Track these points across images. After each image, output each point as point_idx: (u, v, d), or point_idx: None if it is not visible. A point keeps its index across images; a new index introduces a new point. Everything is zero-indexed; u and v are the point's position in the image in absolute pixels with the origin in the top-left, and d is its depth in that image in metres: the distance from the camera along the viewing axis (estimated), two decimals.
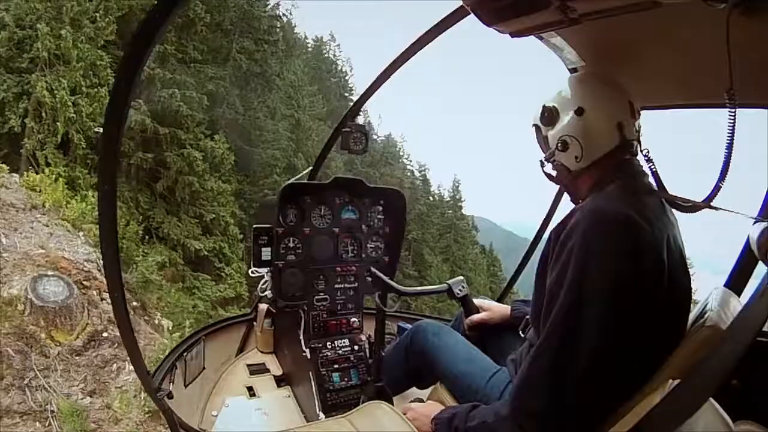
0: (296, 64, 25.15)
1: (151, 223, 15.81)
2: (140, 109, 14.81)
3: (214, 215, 17.24)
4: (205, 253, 16.53)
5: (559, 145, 1.26)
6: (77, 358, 4.07)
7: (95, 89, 14.12)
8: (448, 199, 34.76)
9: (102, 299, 4.67)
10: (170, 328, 5.91)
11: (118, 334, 3.55)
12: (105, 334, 4.33)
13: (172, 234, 15.86)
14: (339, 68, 34.54)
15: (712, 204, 1.05)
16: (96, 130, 14.81)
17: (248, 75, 21.68)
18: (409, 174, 33.75)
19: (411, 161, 35.83)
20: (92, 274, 4.94)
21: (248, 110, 21.54)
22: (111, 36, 14.86)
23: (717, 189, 1.02)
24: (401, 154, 35.64)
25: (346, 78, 34.62)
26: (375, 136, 32.88)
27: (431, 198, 35.03)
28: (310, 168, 2.80)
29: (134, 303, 6.00)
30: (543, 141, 1.35)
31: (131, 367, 3.47)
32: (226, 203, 18.53)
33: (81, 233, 6.11)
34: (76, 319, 4.26)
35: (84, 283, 4.72)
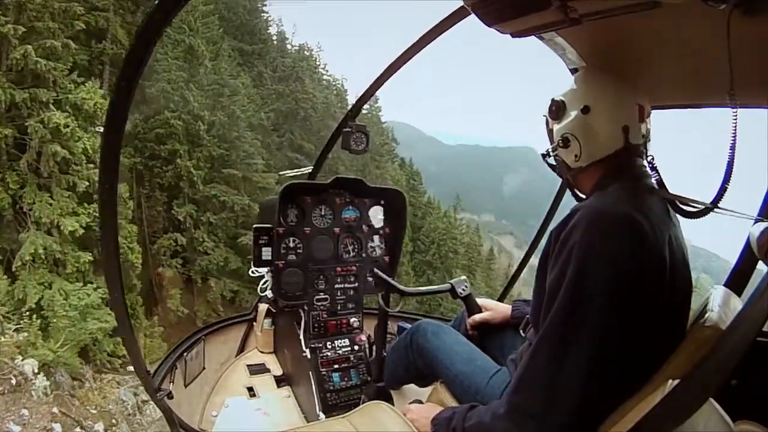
0: None
1: (21, 206, 13.16)
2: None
3: (88, 182, 13.54)
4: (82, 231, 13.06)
5: (561, 141, 1.26)
6: None
7: None
8: (366, 111, 31.26)
9: None
10: None
11: None
12: None
13: (44, 216, 12.91)
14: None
15: (717, 205, 1.05)
16: (96, 130, 14.75)
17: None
18: (324, 87, 30.30)
19: (328, 73, 32.64)
20: None
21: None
22: None
23: (723, 191, 1.01)
24: (318, 64, 31.85)
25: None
26: (289, 46, 30.56)
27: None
28: (311, 168, 2.80)
29: None
30: (549, 133, 1.35)
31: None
32: None
33: None
34: None
35: None
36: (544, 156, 1.40)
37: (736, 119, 0.93)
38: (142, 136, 18.82)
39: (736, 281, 1.70)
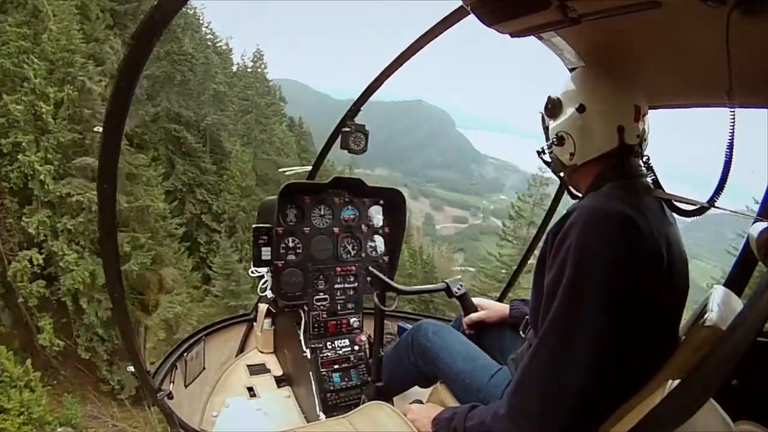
0: None
1: None
2: None
3: None
4: None
5: (555, 139, 1.27)
6: None
7: None
8: (249, 68, 29.17)
9: None
10: None
11: None
12: None
13: None
14: None
15: (714, 204, 1.05)
16: (96, 129, 14.73)
17: None
18: (206, 47, 26.45)
19: (210, 30, 28.68)
20: None
21: None
22: None
23: (720, 189, 1.02)
24: (200, 22, 27.87)
25: None
26: None
27: (233, 70, 29.34)
28: (310, 167, 2.80)
29: None
30: (545, 131, 1.35)
31: None
32: None
33: None
34: None
35: None
36: (539, 153, 1.40)
37: (734, 119, 0.94)
38: None
39: (736, 281, 1.70)
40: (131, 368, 1.60)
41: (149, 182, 17.55)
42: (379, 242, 2.54)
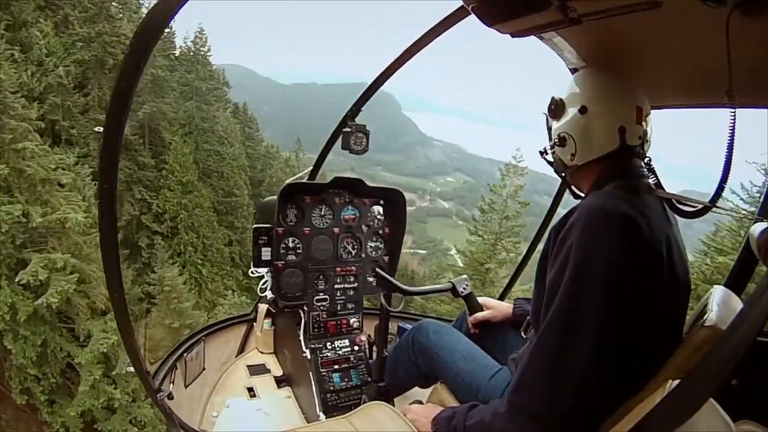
0: None
1: None
2: None
3: None
4: None
5: (557, 140, 1.27)
6: None
7: None
8: (191, 52, 27.55)
9: None
10: None
11: None
12: None
13: None
14: None
15: (716, 204, 1.05)
16: (96, 129, 14.69)
17: None
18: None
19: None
20: None
21: None
22: None
23: (720, 189, 1.02)
24: (140, 2, 25.75)
25: None
26: None
27: (174, 54, 27.35)
28: (310, 168, 2.80)
29: None
30: (548, 131, 1.36)
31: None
32: None
33: None
34: None
35: None
36: (541, 153, 1.41)
37: (734, 119, 0.94)
38: None
39: (736, 281, 1.70)
40: (131, 368, 1.60)
41: (73, 186, 14.55)
42: (380, 242, 2.54)
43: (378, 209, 2.54)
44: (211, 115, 26.26)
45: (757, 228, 1.08)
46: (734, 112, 0.93)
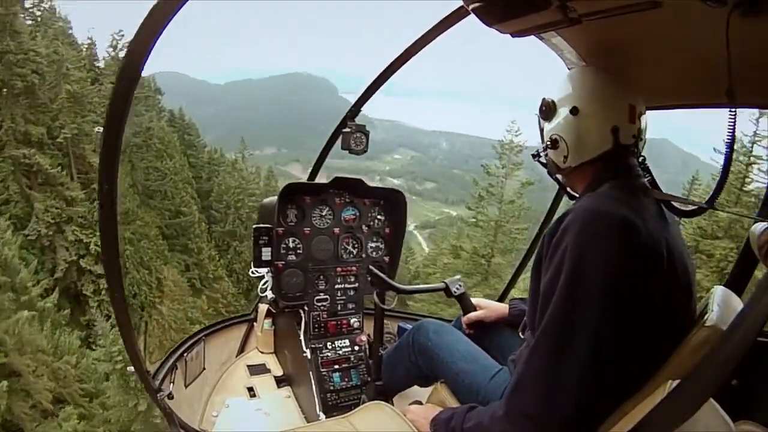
0: None
1: None
2: None
3: None
4: None
5: (549, 142, 1.26)
6: None
7: None
8: (119, 62, 22.79)
9: None
10: None
11: None
12: None
13: None
14: None
15: (713, 205, 1.05)
16: (96, 130, 14.68)
17: None
18: (53, 38, 20.27)
19: (64, 20, 23.40)
20: None
21: None
22: None
23: (719, 189, 1.01)
24: (56, 16, 23.31)
25: None
26: None
27: (100, 67, 24.54)
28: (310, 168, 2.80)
29: None
30: (540, 133, 1.34)
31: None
32: None
33: None
34: None
35: None
36: (534, 156, 1.39)
37: (733, 119, 0.94)
38: None
39: (736, 281, 1.70)
40: (131, 368, 1.60)
41: None
42: (380, 243, 2.54)
43: (378, 210, 2.54)
44: (145, 127, 23.36)
45: (758, 228, 1.08)
46: (734, 112, 0.93)
